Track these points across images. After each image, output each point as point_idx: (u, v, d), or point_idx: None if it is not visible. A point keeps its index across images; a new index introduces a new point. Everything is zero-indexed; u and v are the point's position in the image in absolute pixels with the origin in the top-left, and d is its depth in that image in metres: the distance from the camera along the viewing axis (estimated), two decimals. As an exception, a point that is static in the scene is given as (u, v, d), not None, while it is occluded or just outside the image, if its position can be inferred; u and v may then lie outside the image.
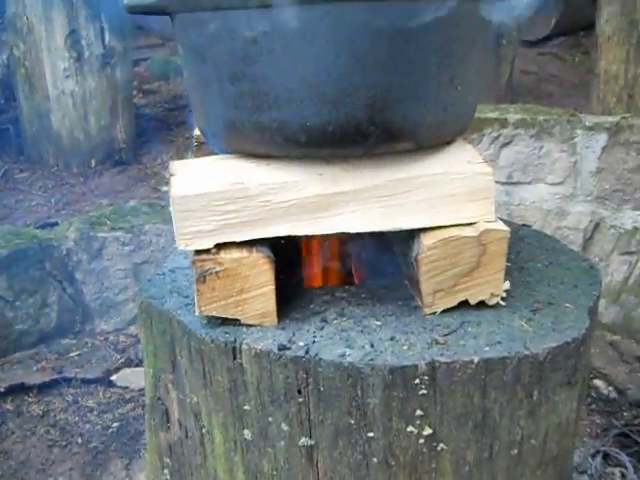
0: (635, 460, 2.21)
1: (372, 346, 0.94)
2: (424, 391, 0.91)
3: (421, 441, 0.94)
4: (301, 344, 0.94)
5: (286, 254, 1.12)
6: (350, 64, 0.89)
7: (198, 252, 0.98)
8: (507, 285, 1.04)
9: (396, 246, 1.16)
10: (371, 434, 0.94)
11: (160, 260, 2.88)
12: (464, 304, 1.02)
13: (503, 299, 1.04)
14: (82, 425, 2.49)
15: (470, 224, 0.99)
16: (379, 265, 1.18)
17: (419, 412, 0.92)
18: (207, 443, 1.07)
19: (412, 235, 1.01)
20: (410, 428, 0.93)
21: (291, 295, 1.08)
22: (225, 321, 1.00)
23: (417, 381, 0.90)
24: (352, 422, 0.93)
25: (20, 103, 3.99)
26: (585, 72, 4.61)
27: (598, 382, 2.62)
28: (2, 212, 3.56)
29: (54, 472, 2.28)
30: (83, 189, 3.92)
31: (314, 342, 0.95)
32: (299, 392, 0.94)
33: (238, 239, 0.97)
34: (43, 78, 3.80)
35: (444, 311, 1.02)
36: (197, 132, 1.18)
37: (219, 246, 0.98)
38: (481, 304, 1.02)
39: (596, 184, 2.78)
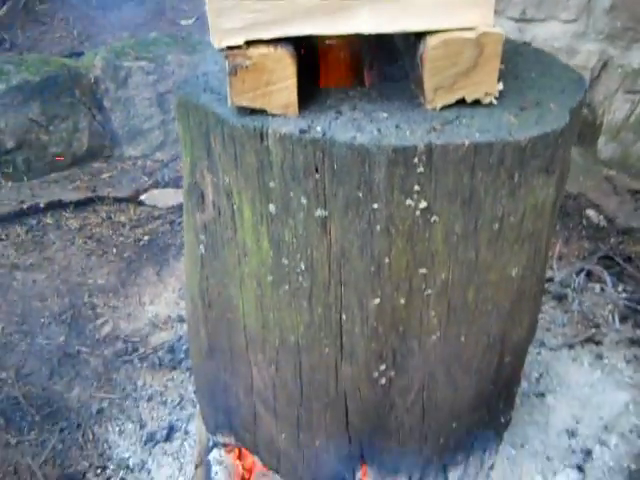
0: (615, 278, 2.45)
1: (379, 131, 1.10)
2: (421, 169, 1.08)
3: (417, 213, 1.13)
4: (319, 129, 1.11)
5: (306, 62, 1.26)
6: None
7: (230, 48, 1.12)
8: (500, 86, 1.18)
9: (404, 52, 1.29)
10: (375, 206, 1.12)
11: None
12: (461, 102, 1.17)
13: (496, 99, 1.18)
14: (116, 238, 2.75)
15: (471, 28, 1.12)
16: (389, 71, 1.32)
17: (416, 187, 1.10)
18: (237, 219, 1.26)
19: (418, 38, 1.14)
20: (408, 201, 1.12)
21: (310, 94, 1.23)
22: (253, 112, 1.16)
23: (416, 160, 1.07)
24: (360, 195, 1.12)
25: None
26: None
27: (590, 212, 2.81)
28: (28, 43, 3.64)
29: (93, 276, 2.57)
30: (104, 22, 3.96)
31: (330, 128, 1.11)
32: (316, 170, 1.12)
33: (266, 37, 1.11)
34: None
35: (443, 107, 1.17)
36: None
37: (249, 43, 1.11)
38: (476, 103, 1.17)
39: (608, 22, 2.81)
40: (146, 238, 2.72)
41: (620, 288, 2.42)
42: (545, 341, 2.22)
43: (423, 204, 1.12)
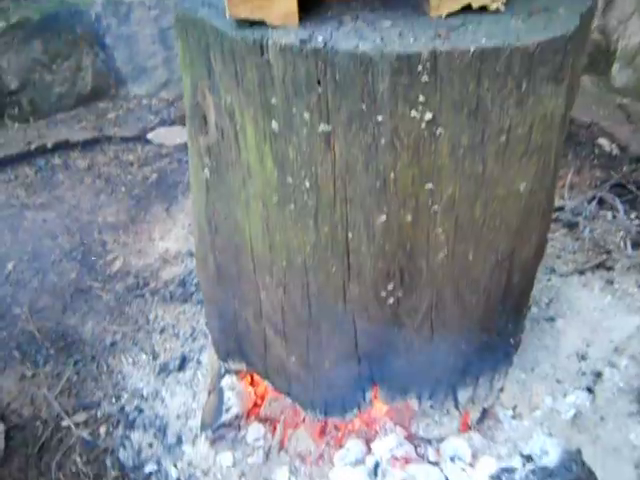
0: (627, 206, 2.42)
1: (382, 39, 1.07)
2: (426, 78, 1.06)
3: (422, 125, 1.11)
4: (320, 39, 1.08)
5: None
6: None
7: (228, -43, 1.08)
8: (508, -9, 1.14)
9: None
10: (380, 118, 1.10)
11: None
12: (467, 9, 1.13)
13: (503, 5, 1.14)
14: (124, 176, 2.75)
15: None
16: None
17: (421, 98, 1.08)
18: (240, 139, 1.24)
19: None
20: (413, 113, 1.09)
21: (311, 5, 1.20)
22: (253, 24, 1.13)
23: (420, 68, 1.04)
24: (364, 108, 1.09)
25: None
26: None
27: (602, 140, 2.76)
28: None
29: (103, 213, 2.57)
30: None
31: (331, 37, 1.08)
32: (318, 83, 1.09)
33: (263, -57, 1.07)
34: None
35: (449, 15, 1.13)
36: None
37: (246, -49, 1.08)
38: (483, 9, 1.13)
39: (626, -61, 2.70)
40: (154, 176, 2.72)
41: (633, 215, 2.39)
42: (555, 268, 2.21)
43: (428, 115, 1.10)
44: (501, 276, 1.39)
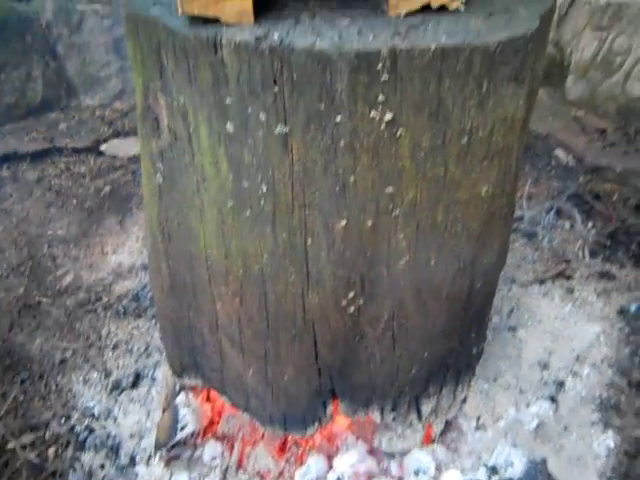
0: (584, 216, 2.43)
1: (340, 37, 1.03)
2: (386, 77, 1.02)
3: (382, 126, 1.08)
4: (276, 36, 1.04)
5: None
6: None
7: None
8: (467, -9, 1.12)
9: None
10: (338, 119, 1.06)
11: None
12: (427, 9, 1.11)
13: (463, 4, 1.12)
14: (76, 189, 2.66)
15: None
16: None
17: (381, 97, 1.04)
18: (194, 141, 1.19)
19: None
20: (373, 113, 1.06)
21: (267, 4, 1.16)
22: (206, 22, 1.08)
23: (379, 66, 1.01)
24: (322, 108, 1.06)
25: None
26: None
27: (559, 152, 2.79)
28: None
29: (53, 227, 2.48)
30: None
31: (288, 35, 1.04)
32: (275, 82, 1.05)
33: (216, -64, 1.03)
34: None
35: (408, 14, 1.10)
36: None
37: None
38: (442, 9, 1.11)
39: (576, -44, 2.76)
40: (107, 188, 2.63)
41: (590, 225, 2.41)
42: (516, 277, 2.20)
43: (388, 116, 1.07)
44: (463, 283, 1.37)
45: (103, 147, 2.80)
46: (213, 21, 1.08)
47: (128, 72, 2.95)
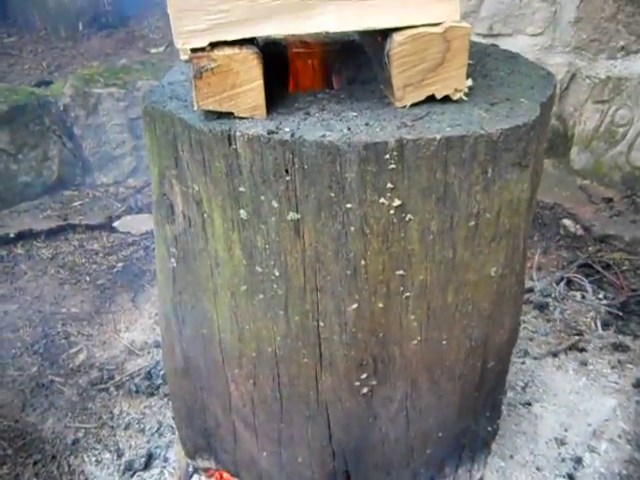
0: (595, 286, 2.44)
1: (349, 129, 1.08)
2: (393, 166, 1.06)
3: (391, 212, 1.11)
4: (287, 130, 1.08)
5: (275, 68, 1.24)
6: None
7: (194, 51, 1.10)
8: (470, 82, 1.17)
9: (372, 55, 1.28)
10: (349, 205, 1.10)
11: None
12: (431, 99, 1.15)
13: (466, 95, 1.17)
14: (89, 266, 2.69)
15: (437, 24, 1.11)
16: (357, 74, 1.31)
17: (389, 185, 1.08)
18: (208, 228, 1.23)
19: (385, 37, 1.13)
20: (382, 200, 1.09)
21: (278, 97, 1.21)
22: (220, 115, 1.13)
23: (387, 156, 1.05)
24: (332, 195, 1.09)
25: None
26: None
27: (566, 221, 2.81)
28: (-4, 75, 3.61)
29: (67, 304, 2.50)
30: (73, 52, 3.94)
31: (298, 128, 1.09)
32: (286, 171, 1.09)
33: (230, 38, 1.09)
34: None
35: (413, 105, 1.15)
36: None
37: (213, 45, 1.09)
38: (446, 99, 1.16)
39: (574, 34, 2.85)
40: (120, 265, 2.67)
41: (601, 295, 2.41)
42: (529, 350, 2.19)
43: (397, 202, 1.10)
44: (476, 362, 1.37)
45: (116, 224, 2.86)
46: (227, 115, 1.13)
47: (141, 150, 3.04)
